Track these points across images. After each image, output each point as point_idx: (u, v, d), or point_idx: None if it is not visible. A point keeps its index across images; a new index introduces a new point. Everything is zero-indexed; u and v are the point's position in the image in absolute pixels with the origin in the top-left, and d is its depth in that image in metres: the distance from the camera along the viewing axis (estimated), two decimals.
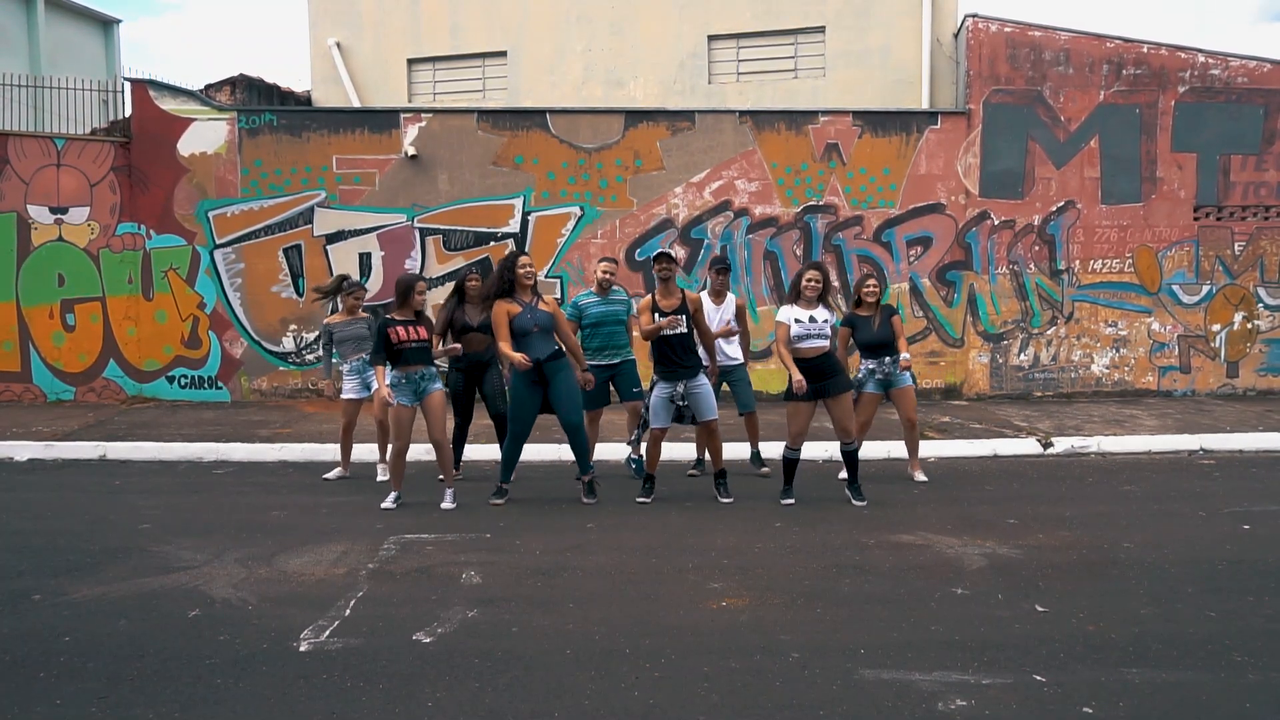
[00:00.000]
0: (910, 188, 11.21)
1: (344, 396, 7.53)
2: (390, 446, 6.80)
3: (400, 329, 6.49)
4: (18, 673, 3.85)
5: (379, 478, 7.49)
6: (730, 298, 7.57)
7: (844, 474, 6.87)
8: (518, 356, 6.34)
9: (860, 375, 7.27)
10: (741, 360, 7.56)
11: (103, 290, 11.15)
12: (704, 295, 7.35)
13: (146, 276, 11.16)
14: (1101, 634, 4.22)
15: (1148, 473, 7.85)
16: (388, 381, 6.46)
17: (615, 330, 7.33)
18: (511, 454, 6.79)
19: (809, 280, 6.52)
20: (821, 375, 6.43)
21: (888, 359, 7.15)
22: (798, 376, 6.35)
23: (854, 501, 6.60)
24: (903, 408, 7.32)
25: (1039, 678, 3.77)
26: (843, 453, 6.72)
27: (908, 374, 7.22)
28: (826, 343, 6.51)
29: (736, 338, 7.45)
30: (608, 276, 7.37)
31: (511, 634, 4.24)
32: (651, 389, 6.74)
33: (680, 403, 6.58)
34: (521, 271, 6.55)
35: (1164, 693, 3.64)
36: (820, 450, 8.21)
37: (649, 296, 6.70)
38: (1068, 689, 3.66)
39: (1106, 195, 11.29)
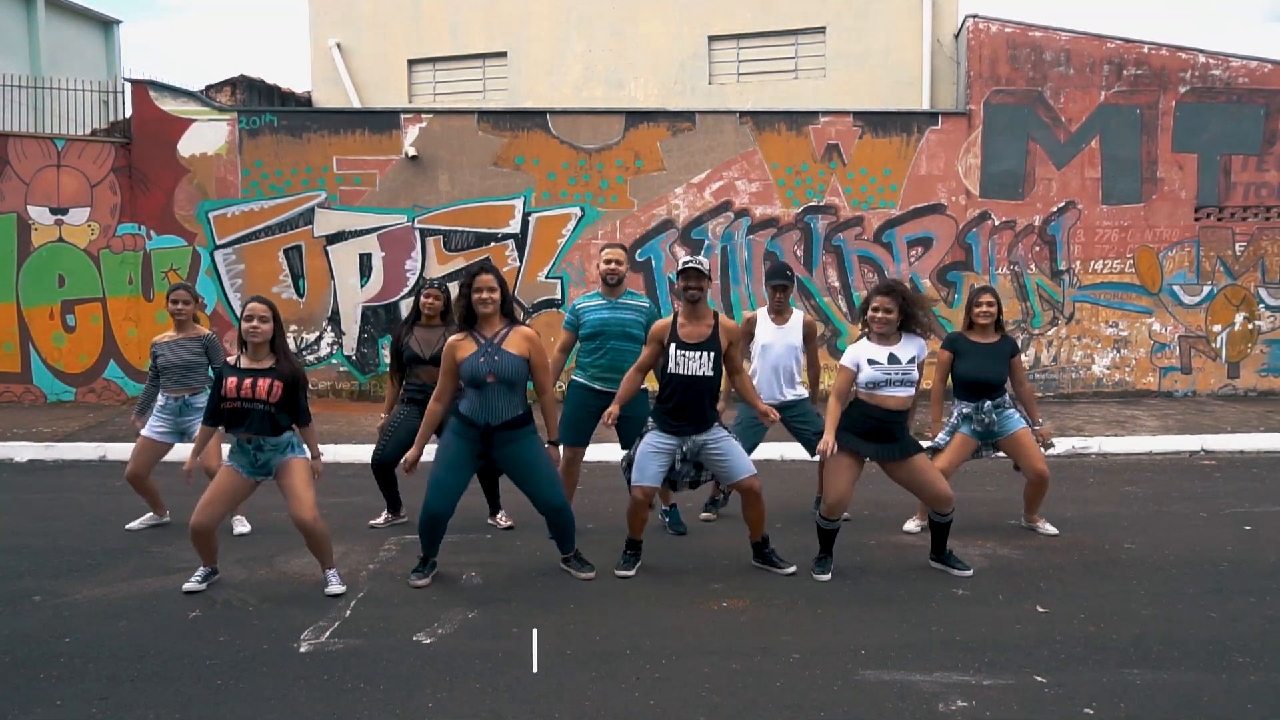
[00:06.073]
0: (911, 188, 11.21)
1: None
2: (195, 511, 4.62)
3: (232, 379, 4.56)
4: (18, 673, 3.85)
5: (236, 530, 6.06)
6: (796, 316, 5.89)
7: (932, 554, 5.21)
8: (410, 455, 4.79)
9: (952, 421, 5.76)
10: (804, 395, 5.95)
11: (103, 291, 11.15)
12: (761, 312, 5.94)
13: (147, 277, 11.16)
14: (1102, 634, 4.21)
15: (1149, 474, 7.84)
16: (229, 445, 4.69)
17: (621, 347, 5.54)
18: (427, 529, 4.85)
19: (874, 311, 4.84)
20: (887, 436, 4.84)
21: (988, 403, 5.58)
22: (828, 440, 4.79)
23: (955, 572, 5.05)
24: (1027, 460, 5.63)
25: (1040, 678, 3.77)
26: (932, 524, 5.10)
27: (1016, 415, 5.66)
28: (911, 392, 4.88)
29: (797, 374, 5.89)
30: (612, 268, 5.59)
31: (512, 634, 4.23)
32: (643, 434, 5.00)
33: (682, 465, 4.92)
34: (476, 297, 4.67)
35: (1165, 693, 3.64)
36: None
37: (666, 319, 4.97)
38: (1069, 690, 3.66)
39: (1107, 196, 11.28)
